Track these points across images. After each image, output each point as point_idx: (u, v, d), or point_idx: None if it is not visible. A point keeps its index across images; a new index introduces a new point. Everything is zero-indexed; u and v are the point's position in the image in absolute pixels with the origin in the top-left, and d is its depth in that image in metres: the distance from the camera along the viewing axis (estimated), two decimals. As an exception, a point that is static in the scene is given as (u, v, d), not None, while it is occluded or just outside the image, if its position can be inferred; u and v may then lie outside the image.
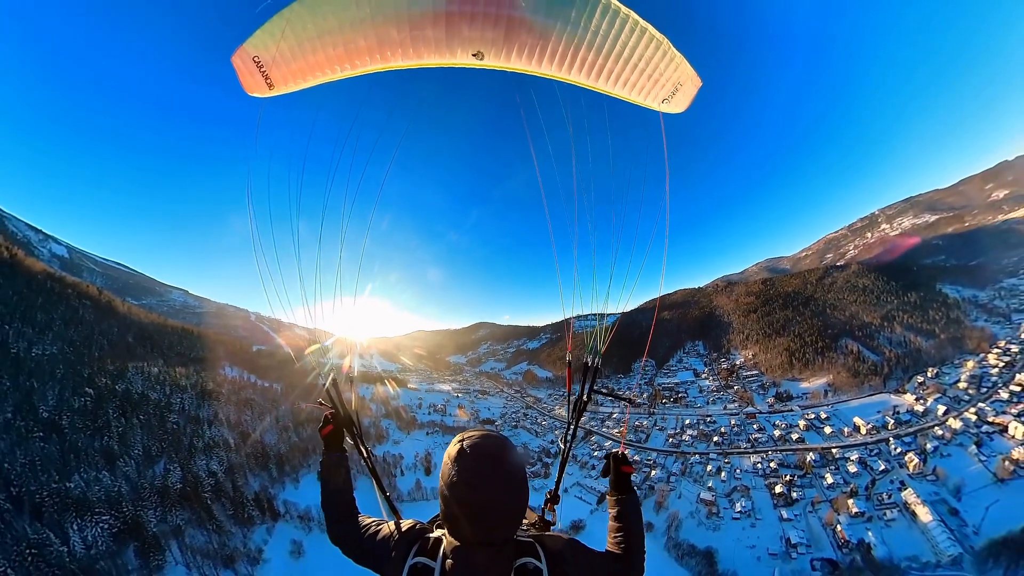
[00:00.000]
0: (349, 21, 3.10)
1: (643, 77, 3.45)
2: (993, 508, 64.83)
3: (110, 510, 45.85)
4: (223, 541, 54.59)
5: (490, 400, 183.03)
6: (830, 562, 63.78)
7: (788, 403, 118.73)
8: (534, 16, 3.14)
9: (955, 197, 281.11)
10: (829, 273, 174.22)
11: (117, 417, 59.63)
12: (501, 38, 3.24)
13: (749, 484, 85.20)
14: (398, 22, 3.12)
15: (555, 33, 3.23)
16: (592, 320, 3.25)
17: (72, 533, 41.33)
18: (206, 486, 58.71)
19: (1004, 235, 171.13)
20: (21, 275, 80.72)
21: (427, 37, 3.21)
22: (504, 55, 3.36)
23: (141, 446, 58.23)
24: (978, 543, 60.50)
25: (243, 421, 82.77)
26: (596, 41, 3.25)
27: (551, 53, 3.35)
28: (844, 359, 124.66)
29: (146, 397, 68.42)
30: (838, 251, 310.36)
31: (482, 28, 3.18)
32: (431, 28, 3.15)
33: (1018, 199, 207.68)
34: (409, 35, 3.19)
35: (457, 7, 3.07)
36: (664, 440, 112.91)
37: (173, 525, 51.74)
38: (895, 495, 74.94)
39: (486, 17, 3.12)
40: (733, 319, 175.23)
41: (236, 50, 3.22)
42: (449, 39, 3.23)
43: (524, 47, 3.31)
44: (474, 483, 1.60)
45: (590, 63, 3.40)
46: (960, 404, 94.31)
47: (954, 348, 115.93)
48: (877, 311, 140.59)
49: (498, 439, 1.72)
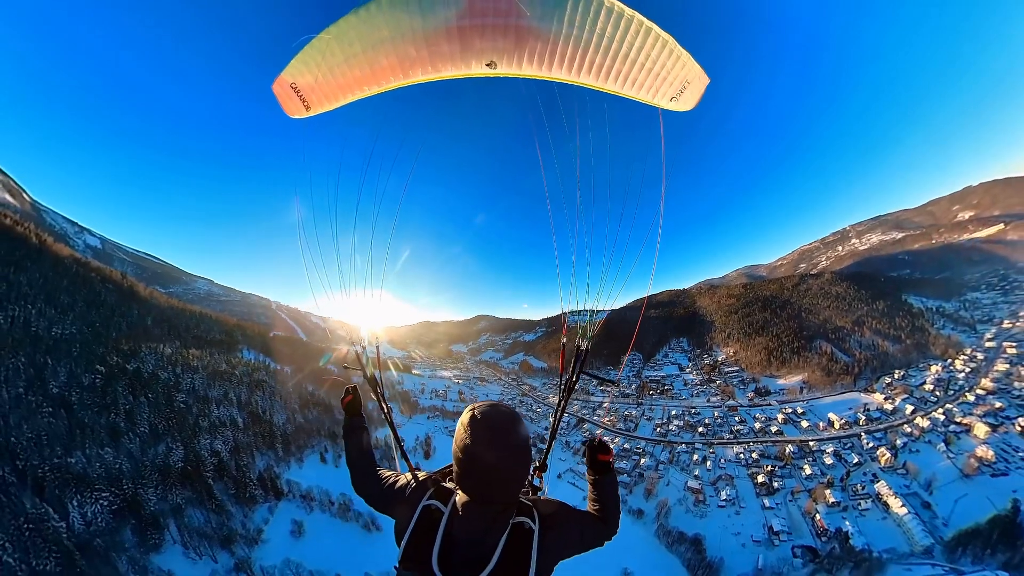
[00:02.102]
0: (371, 44, 3.11)
1: (651, 76, 3.25)
2: (962, 501, 62.78)
3: (110, 487, 41.89)
4: (222, 521, 50.25)
5: (488, 387, 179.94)
6: (810, 550, 61.42)
7: (767, 398, 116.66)
8: (540, 24, 3.03)
9: (923, 216, 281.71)
10: (804, 280, 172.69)
11: (125, 395, 55.45)
12: (511, 47, 3.18)
13: (733, 473, 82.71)
14: (415, 41, 3.11)
15: (562, 38, 3.10)
16: (585, 315, 3.35)
17: (72, 509, 37.51)
18: (208, 465, 54.40)
19: (968, 252, 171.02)
20: (48, 260, 77.43)
21: (443, 52, 3.19)
22: (515, 63, 3.29)
23: (147, 424, 53.90)
24: (948, 534, 58.55)
25: (252, 401, 78.35)
26: (603, 44, 3.10)
27: (560, 58, 3.23)
28: (818, 359, 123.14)
29: (155, 376, 63.99)
30: (811, 262, 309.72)
31: (492, 39, 3.12)
32: (446, 43, 3.13)
33: (982, 220, 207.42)
34: (427, 51, 3.18)
35: (468, 21, 3.01)
36: (652, 429, 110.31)
37: (173, 504, 47.51)
38: (868, 487, 72.90)
39: (495, 28, 3.06)
40: (716, 319, 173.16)
41: (275, 79, 3.32)
42: (463, 52, 3.20)
43: (533, 54, 3.22)
44: (483, 447, 1.67)
45: (598, 65, 3.25)
46: (927, 405, 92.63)
47: (919, 353, 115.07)
48: (848, 316, 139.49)
49: (507, 410, 1.77)
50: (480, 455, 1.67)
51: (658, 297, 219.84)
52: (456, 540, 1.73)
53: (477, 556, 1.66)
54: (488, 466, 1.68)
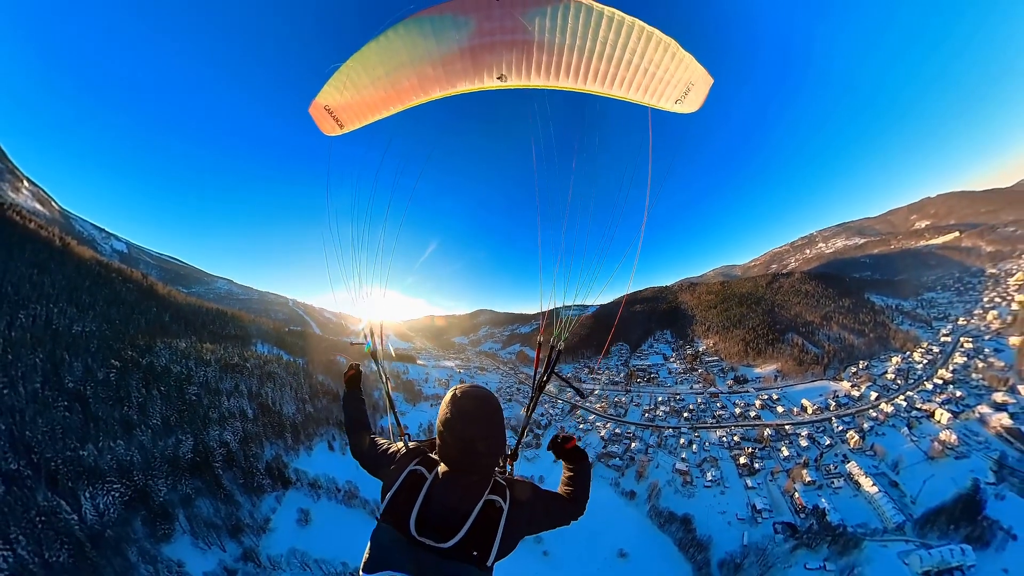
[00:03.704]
0: (393, 67, 3.17)
1: (654, 80, 3.14)
2: (930, 482, 63.20)
3: (121, 479, 38.95)
4: (230, 511, 47.35)
5: (488, 376, 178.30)
6: (790, 526, 61.28)
7: (745, 385, 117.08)
8: (543, 37, 3.00)
9: (883, 224, 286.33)
10: (777, 279, 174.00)
11: (139, 388, 52.10)
12: (520, 61, 3.17)
13: (717, 455, 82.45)
14: (432, 61, 3.15)
15: (566, 50, 3.06)
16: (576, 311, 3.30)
17: (84, 501, 34.65)
18: (217, 456, 51.40)
19: (924, 257, 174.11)
20: (71, 261, 74.37)
21: (457, 70, 3.22)
22: (524, 75, 3.28)
23: (160, 416, 50.62)
24: (917, 512, 58.81)
25: (263, 393, 74.80)
26: (606, 52, 3.03)
27: (565, 68, 3.18)
28: (790, 350, 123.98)
29: (168, 370, 60.45)
30: (781, 263, 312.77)
31: (500, 54, 3.13)
32: (459, 62, 3.17)
33: (938, 228, 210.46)
34: (443, 70, 3.22)
35: (478, 40, 3.04)
36: (640, 415, 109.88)
37: (183, 494, 44.60)
38: (840, 467, 73.20)
39: (503, 44, 3.07)
40: (696, 313, 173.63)
41: (311, 103, 3.43)
42: (476, 68, 3.23)
43: (540, 65, 3.20)
44: (462, 422, 1.74)
45: (603, 73, 3.16)
46: (889, 392, 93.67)
47: (881, 346, 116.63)
48: (817, 312, 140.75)
49: (483, 390, 1.85)
50: (459, 429, 1.74)
51: (643, 293, 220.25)
52: (433, 505, 1.76)
53: (450, 523, 1.69)
54: (465, 439, 1.74)
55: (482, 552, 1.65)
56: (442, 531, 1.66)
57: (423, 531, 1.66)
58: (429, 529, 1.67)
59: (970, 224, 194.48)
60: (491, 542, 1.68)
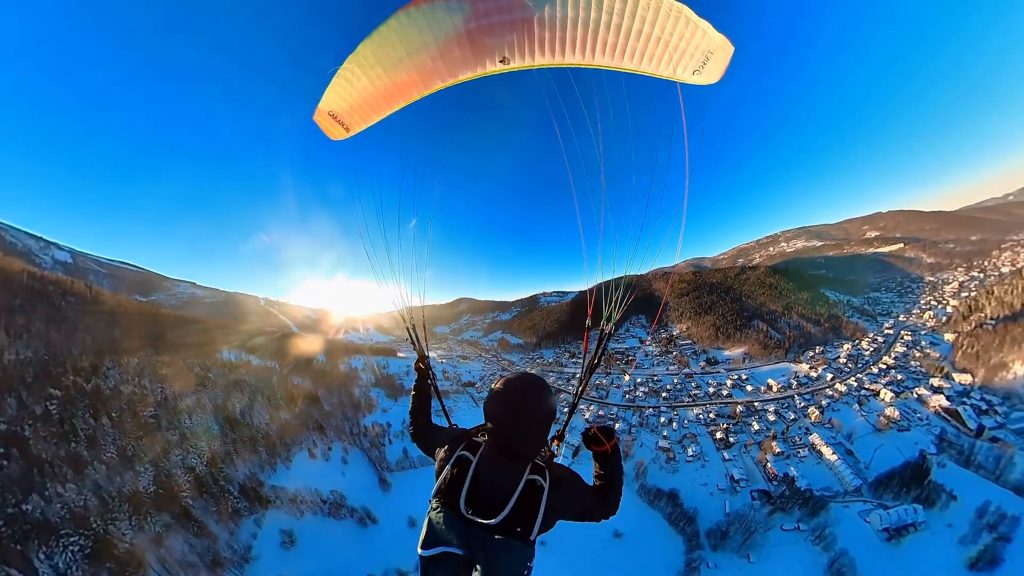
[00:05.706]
0: (391, 63, 3.05)
1: (668, 50, 2.86)
2: (880, 450, 69.11)
3: (77, 529, 32.12)
4: (206, 545, 41.13)
5: (470, 364, 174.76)
6: (765, 493, 64.72)
7: (716, 366, 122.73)
8: (544, 12, 2.79)
9: (838, 231, 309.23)
10: (744, 271, 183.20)
11: (86, 418, 43.56)
12: (521, 40, 2.96)
13: (695, 432, 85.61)
14: (429, 52, 2.99)
15: (569, 23, 2.83)
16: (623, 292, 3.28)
17: (39, 563, 28.06)
18: (183, 484, 44.63)
19: (872, 263, 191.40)
20: None
21: (456, 57, 3.07)
22: (528, 55, 3.05)
23: (114, 447, 42.66)
24: (870, 476, 64.06)
25: (229, 405, 64.97)
26: (613, 22, 2.78)
27: (570, 43, 2.94)
28: (756, 335, 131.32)
29: (118, 392, 51.21)
30: (747, 258, 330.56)
31: (500, 36, 2.95)
32: (458, 49, 3.00)
33: (885, 239, 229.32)
34: (441, 60, 3.08)
35: (475, 24, 2.85)
36: (622, 396, 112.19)
37: (151, 534, 37.85)
38: (804, 438, 78.22)
39: (503, 25, 2.88)
40: (670, 299, 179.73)
41: (315, 111, 3.31)
42: (476, 54, 3.06)
43: (544, 43, 2.97)
44: (510, 411, 1.78)
45: (611, 45, 2.90)
46: (842, 374, 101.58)
47: (834, 334, 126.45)
48: (779, 302, 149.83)
49: (534, 378, 1.85)
50: (506, 417, 1.78)
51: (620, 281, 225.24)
52: (481, 485, 1.87)
53: (496, 501, 1.81)
54: (512, 427, 1.79)
55: (525, 527, 1.77)
56: (489, 509, 1.77)
57: (472, 509, 1.79)
58: (477, 507, 1.79)
59: (915, 238, 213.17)
60: (534, 518, 1.79)
